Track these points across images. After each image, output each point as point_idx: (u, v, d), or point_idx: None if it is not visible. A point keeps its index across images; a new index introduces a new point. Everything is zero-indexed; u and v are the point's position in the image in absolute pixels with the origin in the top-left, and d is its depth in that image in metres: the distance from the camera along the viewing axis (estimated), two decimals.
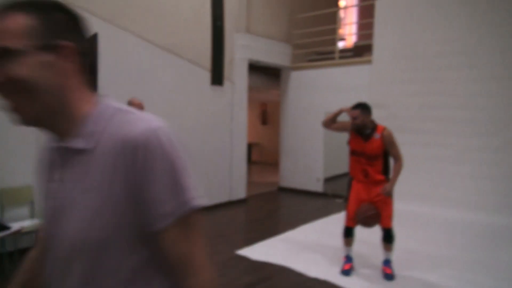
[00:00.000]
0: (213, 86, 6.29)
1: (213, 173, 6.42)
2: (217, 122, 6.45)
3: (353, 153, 3.53)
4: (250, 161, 12.72)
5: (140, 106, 3.73)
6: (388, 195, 3.40)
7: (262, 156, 12.96)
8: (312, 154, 7.62)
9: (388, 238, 3.56)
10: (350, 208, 3.60)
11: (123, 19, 5.00)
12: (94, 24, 4.55)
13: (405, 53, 6.45)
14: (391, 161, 3.49)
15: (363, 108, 3.38)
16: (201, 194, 0.82)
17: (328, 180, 7.82)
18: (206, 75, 6.19)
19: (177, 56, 5.72)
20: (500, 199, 5.58)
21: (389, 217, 3.50)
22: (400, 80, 6.50)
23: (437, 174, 6.15)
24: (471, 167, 5.87)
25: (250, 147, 12.74)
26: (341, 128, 3.58)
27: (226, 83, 6.54)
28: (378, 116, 6.66)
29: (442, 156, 6.12)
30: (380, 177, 3.48)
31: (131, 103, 3.71)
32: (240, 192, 6.94)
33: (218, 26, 6.27)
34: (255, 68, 8.22)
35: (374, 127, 3.44)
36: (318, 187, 7.65)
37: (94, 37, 4.27)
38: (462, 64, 5.94)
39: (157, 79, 5.50)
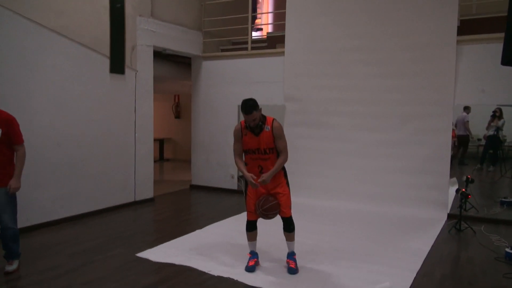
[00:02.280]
0: (113, 74, 6.14)
1: (115, 171, 6.28)
2: (118, 114, 6.30)
3: (248, 151, 3.71)
4: (162, 158, 12.58)
5: None
6: (265, 184, 3.62)
7: (176, 152, 12.83)
8: (225, 150, 7.70)
9: (288, 227, 3.81)
10: (249, 202, 3.81)
11: None
12: None
13: (316, 47, 6.82)
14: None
15: (255, 107, 3.52)
16: None
17: (242, 177, 7.94)
18: (105, 62, 6.03)
19: (70, 39, 5.50)
20: (406, 191, 6.20)
21: (288, 206, 3.77)
22: (312, 74, 6.87)
23: (346, 168, 6.63)
24: (378, 161, 6.42)
25: (162, 143, 12.58)
26: (240, 146, 3.72)
27: (128, 71, 6.42)
28: (290, 109, 7.05)
29: (350, 150, 6.60)
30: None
31: None
32: (146, 191, 6.87)
33: (117, 8, 6.12)
34: (164, 56, 8.14)
35: (263, 120, 3.64)
36: (232, 184, 7.80)
37: None
38: (370, 59, 6.44)
39: (46, 66, 5.24)
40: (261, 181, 3.60)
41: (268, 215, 3.69)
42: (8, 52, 4.82)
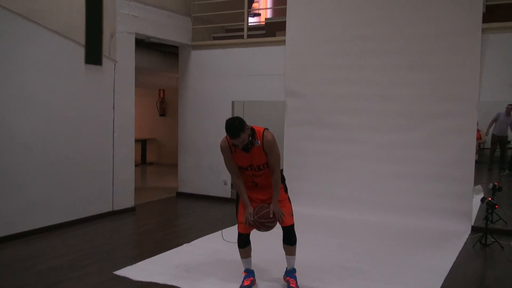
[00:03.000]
0: (88, 65, 6.15)
1: (90, 177, 6.29)
2: (94, 111, 6.31)
3: (240, 168, 3.73)
4: (144, 162, 12.57)
5: None
6: (279, 215, 3.69)
7: (160, 155, 12.84)
8: (217, 152, 7.40)
9: (289, 238, 3.80)
10: (241, 213, 3.80)
11: None
12: None
13: (322, 34, 6.86)
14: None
15: (241, 128, 3.45)
16: None
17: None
18: (80, 51, 6.04)
19: (39, 25, 5.50)
20: (424, 201, 6.23)
21: (289, 213, 3.78)
22: (317, 66, 6.90)
23: (355, 174, 6.65)
24: (392, 165, 6.44)
25: (144, 144, 12.57)
26: (233, 163, 3.73)
27: (106, 62, 6.43)
28: (292, 106, 7.08)
29: (360, 153, 6.63)
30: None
31: None
32: (126, 199, 6.89)
33: None
34: (148, 45, 8.15)
35: (252, 134, 3.59)
36: (225, 191, 7.81)
37: None
38: (383, 50, 6.46)
39: (12, 55, 5.24)
40: (277, 215, 3.68)
41: (265, 224, 3.67)
42: None
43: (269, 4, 10.84)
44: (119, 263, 4.54)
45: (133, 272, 4.30)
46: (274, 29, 7.86)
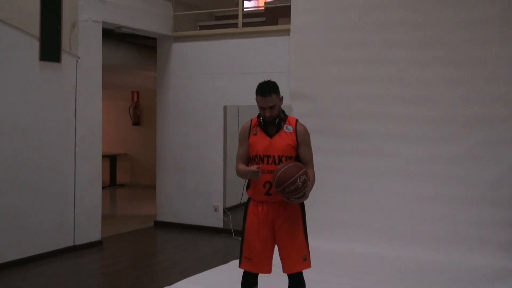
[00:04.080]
0: (44, 62, 6.13)
1: (44, 203, 6.20)
2: (50, 119, 6.27)
3: (254, 159, 3.74)
4: (114, 183, 12.53)
5: None
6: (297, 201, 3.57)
7: (135, 175, 12.82)
8: (205, 170, 7.72)
9: (295, 287, 3.71)
10: (249, 241, 3.72)
11: None
12: None
13: (336, 21, 6.83)
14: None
15: (275, 89, 3.68)
16: None
17: (231, 210, 7.97)
18: (33, 46, 6.02)
19: None
20: (469, 230, 6.13)
21: (299, 256, 3.68)
22: (329, 60, 6.86)
23: (380, 197, 6.55)
24: (428, 186, 6.35)
25: (114, 161, 12.55)
26: (246, 150, 3.81)
27: (66, 58, 6.41)
28: (299, 111, 7.03)
29: (387, 170, 6.53)
30: None
31: None
32: (91, 231, 6.83)
33: None
34: (118, 37, 8.16)
35: (284, 117, 3.75)
36: (217, 220, 7.76)
37: None
38: (413, 40, 6.42)
39: None
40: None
41: (284, 189, 3.47)
42: None
43: None
44: None
45: None
46: (276, 15, 7.87)
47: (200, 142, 7.73)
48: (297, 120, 3.79)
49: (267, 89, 3.65)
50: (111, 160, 12.39)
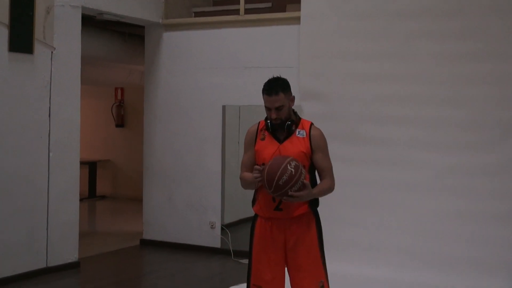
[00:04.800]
0: (14, 54, 6.12)
1: (12, 218, 6.18)
2: (21, 120, 6.27)
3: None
4: (94, 194, 12.53)
5: None
6: (298, 200, 3.45)
7: (118, 185, 12.84)
8: (202, 181, 7.72)
9: None
10: (256, 269, 3.71)
11: None
12: None
13: (354, 8, 6.81)
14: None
15: (284, 87, 3.64)
16: None
17: (230, 227, 7.97)
18: (1, 34, 6.02)
19: None
20: (503, 254, 6.09)
21: (316, 282, 3.65)
22: (346, 54, 6.84)
23: (405, 213, 6.53)
24: (459, 200, 6.32)
25: (93, 169, 12.55)
26: (252, 158, 3.81)
27: (40, 49, 6.39)
28: (311, 112, 7.00)
29: (413, 182, 6.50)
30: (303, 207, 3.63)
31: None
32: (67, 251, 6.81)
33: None
34: (100, 25, 8.19)
35: (296, 119, 3.75)
36: (213, 238, 7.75)
37: None
38: (445, 31, 6.40)
39: None
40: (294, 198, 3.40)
41: (284, 188, 3.38)
42: None
43: None
44: None
45: None
46: (284, 0, 7.87)
47: (195, 148, 7.73)
48: (311, 124, 3.78)
49: (274, 87, 3.61)
50: (90, 168, 12.37)
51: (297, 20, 7.12)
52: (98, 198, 12.51)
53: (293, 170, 3.36)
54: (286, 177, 3.34)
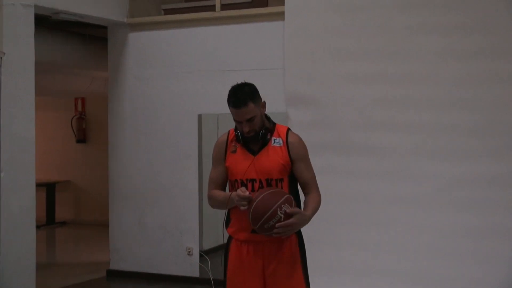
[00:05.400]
0: None
1: None
2: None
3: (235, 184, 3.72)
4: (53, 221, 12.49)
5: None
6: (284, 234, 3.42)
7: (80, 209, 12.84)
8: (177, 202, 7.72)
9: None
10: None
11: None
12: None
13: (345, 0, 6.85)
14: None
15: (252, 95, 3.59)
16: None
17: (210, 253, 7.98)
18: None
19: None
20: None
21: None
22: (336, 53, 6.85)
23: (406, 232, 6.51)
24: (472, 216, 6.31)
25: (52, 191, 12.50)
26: (222, 173, 3.84)
27: None
28: (298, 120, 7.04)
29: (415, 197, 6.49)
30: None
31: None
32: (22, 285, 6.71)
33: None
34: (57, 26, 8.20)
35: (271, 126, 3.75)
36: (191, 267, 7.73)
37: None
38: (449, 25, 6.42)
39: None
40: (283, 224, 3.36)
41: (264, 222, 3.40)
42: None
43: None
44: None
45: None
46: None
47: (168, 163, 7.74)
48: (288, 129, 3.78)
49: (241, 97, 3.57)
50: (48, 190, 12.35)
51: (281, 15, 7.12)
52: (58, 225, 12.48)
53: (282, 216, 3.36)
54: (273, 222, 3.35)
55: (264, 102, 3.68)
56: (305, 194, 3.75)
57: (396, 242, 6.60)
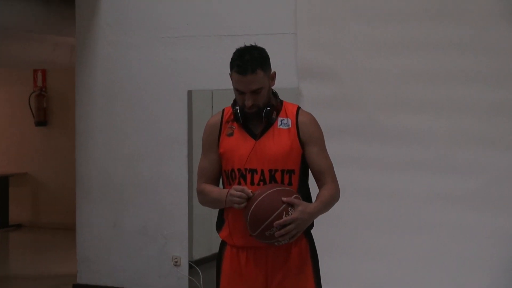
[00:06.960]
0: None
1: None
2: None
3: (230, 175, 3.72)
4: (6, 223, 12.48)
5: None
6: (285, 240, 3.44)
7: (39, 208, 12.85)
8: (161, 200, 7.77)
9: None
10: None
11: None
12: None
13: None
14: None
15: (261, 62, 3.60)
16: None
17: (202, 264, 8.09)
18: None
19: None
20: None
21: None
22: (360, 14, 6.95)
23: (448, 237, 6.60)
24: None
25: (5, 186, 12.55)
26: (215, 162, 3.84)
27: None
28: (311, 96, 7.11)
29: (460, 193, 6.58)
30: None
31: None
32: None
33: None
34: None
35: (277, 103, 3.76)
36: (177, 280, 7.78)
37: None
38: None
39: None
40: (286, 221, 3.36)
41: (266, 227, 3.39)
42: None
43: None
44: None
45: None
46: None
47: (150, 151, 7.80)
48: (298, 108, 3.79)
49: (249, 62, 3.54)
50: (1, 185, 12.38)
51: None
52: (12, 228, 12.48)
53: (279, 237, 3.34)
54: (276, 230, 3.32)
55: (274, 73, 3.70)
56: (319, 187, 3.69)
57: (434, 250, 6.65)
